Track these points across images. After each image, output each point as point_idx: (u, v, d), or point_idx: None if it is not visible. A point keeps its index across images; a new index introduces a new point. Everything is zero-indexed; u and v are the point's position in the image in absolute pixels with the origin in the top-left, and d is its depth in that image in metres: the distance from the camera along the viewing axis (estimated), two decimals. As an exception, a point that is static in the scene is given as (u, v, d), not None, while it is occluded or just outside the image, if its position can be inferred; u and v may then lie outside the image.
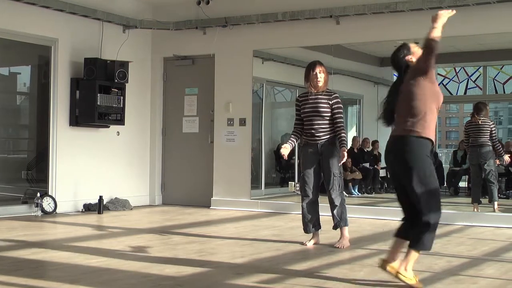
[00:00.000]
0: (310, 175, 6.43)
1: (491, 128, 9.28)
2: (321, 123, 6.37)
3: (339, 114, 6.39)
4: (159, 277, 4.88)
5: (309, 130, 6.42)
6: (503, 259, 5.93)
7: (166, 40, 10.76)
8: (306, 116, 6.45)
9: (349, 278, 4.91)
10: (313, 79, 6.39)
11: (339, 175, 6.41)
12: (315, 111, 6.37)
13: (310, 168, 6.43)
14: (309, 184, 6.43)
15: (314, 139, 6.39)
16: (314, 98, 6.40)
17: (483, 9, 8.51)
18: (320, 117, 6.36)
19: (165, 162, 10.95)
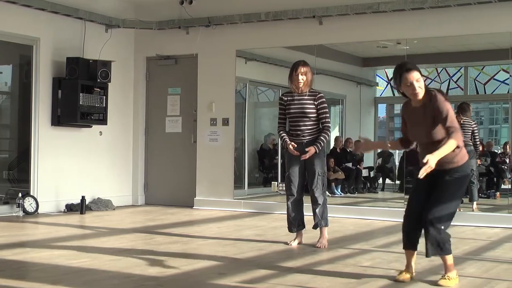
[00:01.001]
0: (295, 174, 6.44)
1: (473, 129, 9.35)
2: (307, 124, 6.38)
3: (325, 115, 6.39)
4: (142, 277, 4.86)
5: (295, 131, 6.43)
6: (484, 258, 5.98)
7: (149, 39, 10.73)
8: (291, 117, 6.45)
9: (332, 278, 4.93)
10: (295, 80, 6.40)
11: (323, 174, 6.43)
12: (301, 113, 6.38)
13: (295, 167, 6.43)
14: (294, 183, 6.44)
15: (300, 139, 6.40)
16: (299, 99, 6.40)
17: (464, 10, 8.58)
18: (307, 118, 6.37)
19: (148, 162, 10.92)
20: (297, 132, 6.41)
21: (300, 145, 6.40)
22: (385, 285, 4.72)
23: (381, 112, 14.67)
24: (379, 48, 10.84)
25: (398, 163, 13.02)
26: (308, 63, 6.45)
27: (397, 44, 9.91)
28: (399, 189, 11.94)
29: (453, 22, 8.71)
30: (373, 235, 7.56)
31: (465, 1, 8.42)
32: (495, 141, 11.11)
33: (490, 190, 10.80)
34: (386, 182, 12.92)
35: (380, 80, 13.88)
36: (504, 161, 11.09)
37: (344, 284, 4.70)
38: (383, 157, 13.04)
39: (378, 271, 5.21)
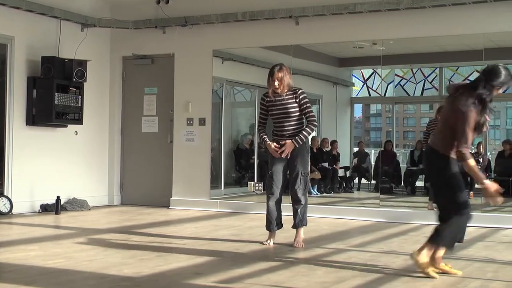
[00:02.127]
0: (278, 173, 6.44)
1: None
2: (291, 124, 6.39)
3: (308, 109, 6.38)
4: (117, 278, 4.84)
5: (280, 131, 6.44)
6: (458, 256, 6.03)
7: (125, 39, 10.69)
8: (274, 118, 6.46)
9: (308, 277, 4.95)
10: (271, 86, 6.41)
11: (305, 174, 6.43)
12: (284, 113, 6.39)
13: (278, 166, 6.44)
14: (276, 183, 6.44)
15: (284, 139, 6.40)
16: (280, 99, 6.40)
17: (439, 11, 8.67)
18: (290, 118, 6.38)
19: (124, 162, 10.87)
20: (282, 132, 6.42)
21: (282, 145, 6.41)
22: (360, 284, 4.75)
23: (357, 112, 14.80)
24: (355, 49, 10.92)
25: (373, 163, 13.12)
26: (284, 66, 6.42)
27: (373, 45, 10.00)
28: (374, 188, 12.03)
29: (428, 23, 8.79)
30: (348, 234, 7.61)
31: (439, 2, 8.51)
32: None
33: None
34: (362, 182, 13.00)
35: (356, 80, 13.97)
36: (478, 161, 11.21)
37: (320, 284, 4.72)
38: (359, 157, 13.12)
39: (354, 271, 5.24)
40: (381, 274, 5.12)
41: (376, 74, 13.46)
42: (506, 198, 10.83)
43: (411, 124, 17.02)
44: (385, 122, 14.49)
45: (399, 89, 13.48)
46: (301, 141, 6.33)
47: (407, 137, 17.24)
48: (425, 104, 15.65)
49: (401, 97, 13.88)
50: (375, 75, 13.52)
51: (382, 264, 5.53)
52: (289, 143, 6.33)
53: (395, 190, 12.26)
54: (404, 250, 6.37)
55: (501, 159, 11.66)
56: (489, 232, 7.76)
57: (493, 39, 9.01)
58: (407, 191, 12.04)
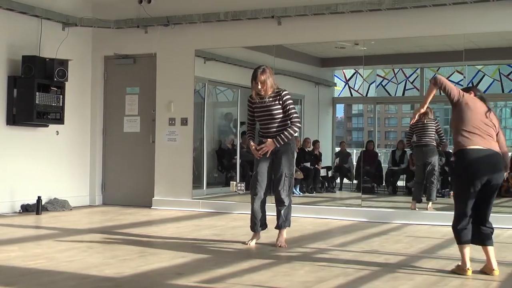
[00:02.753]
0: (263, 174, 6.45)
1: (438, 128, 9.59)
2: (276, 126, 6.40)
3: (291, 111, 6.38)
4: (99, 278, 4.83)
5: (264, 133, 6.47)
6: (438, 256, 6.09)
7: (107, 38, 10.64)
8: (260, 120, 6.49)
9: (290, 277, 4.96)
10: (254, 89, 6.42)
11: (290, 175, 6.45)
12: (268, 115, 6.41)
13: (263, 167, 6.44)
14: (261, 184, 6.44)
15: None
16: (265, 102, 6.41)
17: (420, 12, 8.73)
18: (274, 120, 6.40)
19: (106, 162, 10.82)
20: (267, 133, 6.44)
21: None
22: (342, 284, 4.77)
23: (339, 112, 14.84)
24: (337, 49, 10.96)
25: (355, 163, 13.16)
26: (267, 68, 6.42)
27: (354, 45, 10.03)
28: (356, 188, 12.07)
29: (409, 23, 8.85)
30: (330, 234, 7.63)
31: (420, 3, 8.57)
32: (449, 141, 11.30)
33: (445, 189, 10.99)
34: (344, 182, 13.04)
35: (338, 80, 14.02)
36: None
37: (302, 283, 4.74)
38: (341, 157, 13.17)
39: (335, 270, 5.26)
40: (363, 273, 5.15)
41: (358, 74, 13.51)
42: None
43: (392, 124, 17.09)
44: (367, 122, 14.54)
45: (380, 89, 13.54)
46: (282, 141, 6.34)
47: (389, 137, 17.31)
48: (407, 104, 15.71)
49: (382, 97, 13.93)
50: (357, 75, 13.57)
51: (364, 264, 5.55)
52: (270, 142, 6.35)
53: (377, 190, 12.31)
54: (385, 249, 6.42)
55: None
56: (469, 232, 7.81)
57: (473, 40, 9.09)
58: (388, 191, 12.09)
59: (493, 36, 9.10)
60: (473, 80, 11.44)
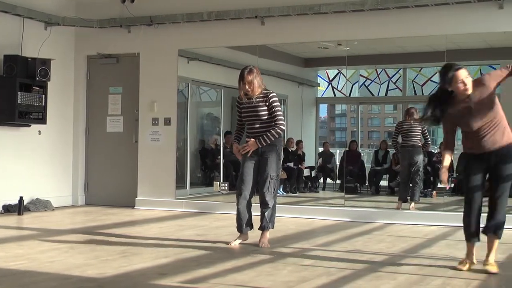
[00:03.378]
0: (248, 174, 6.44)
1: (423, 130, 9.66)
2: (262, 126, 6.39)
3: (276, 113, 6.38)
4: (81, 279, 4.81)
5: (251, 133, 6.47)
6: (421, 255, 6.13)
7: (90, 38, 10.59)
8: (247, 120, 6.49)
9: (273, 277, 4.97)
10: (242, 89, 6.41)
11: (276, 177, 6.44)
12: (254, 116, 6.41)
13: (249, 168, 6.44)
14: (246, 184, 6.44)
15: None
16: (251, 103, 6.41)
17: (402, 12, 8.78)
18: (260, 121, 6.40)
19: (89, 162, 10.78)
20: (253, 134, 6.44)
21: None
22: (325, 283, 4.78)
23: (322, 112, 14.89)
24: (320, 49, 10.99)
25: (338, 163, 13.21)
26: (254, 68, 6.40)
27: (337, 45, 10.07)
28: (339, 188, 12.11)
29: (392, 24, 8.89)
30: (313, 234, 7.65)
31: (403, 4, 8.62)
32: (432, 141, 11.40)
33: (427, 189, 11.07)
34: (327, 182, 13.09)
35: (321, 80, 14.06)
36: (441, 161, 11.36)
37: (285, 283, 4.75)
38: (324, 157, 13.21)
39: (318, 270, 5.28)
40: (346, 273, 5.17)
41: (341, 74, 13.57)
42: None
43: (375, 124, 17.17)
44: (350, 122, 14.61)
45: (363, 89, 13.61)
46: (264, 142, 6.33)
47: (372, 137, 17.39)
48: (389, 104, 15.81)
49: (365, 98, 14.01)
50: (340, 76, 13.63)
51: (347, 263, 5.57)
52: (252, 142, 6.36)
53: (360, 189, 12.37)
54: (368, 249, 6.45)
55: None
56: (451, 231, 7.87)
57: (455, 41, 9.15)
58: (371, 190, 12.16)
59: (474, 37, 9.17)
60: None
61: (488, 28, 8.52)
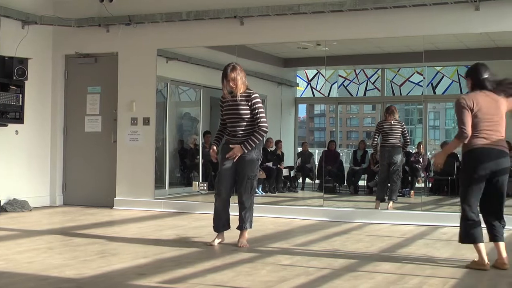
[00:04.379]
0: (226, 174, 6.44)
1: (403, 129, 9.73)
2: (242, 125, 6.39)
3: (259, 115, 6.38)
4: (59, 280, 4.78)
5: (232, 132, 6.47)
6: (398, 254, 6.17)
7: (68, 37, 10.53)
8: (228, 120, 6.48)
9: (252, 277, 4.98)
10: (226, 87, 6.38)
11: (253, 178, 6.44)
12: (236, 114, 6.39)
13: (227, 167, 6.43)
14: (224, 184, 6.43)
15: (235, 139, 6.42)
16: (233, 101, 6.40)
17: (381, 13, 8.83)
18: (241, 120, 6.39)
19: (67, 162, 10.71)
20: (233, 133, 6.44)
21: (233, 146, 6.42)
22: (304, 283, 4.80)
23: (301, 112, 14.93)
24: (299, 49, 11.02)
25: (317, 163, 13.26)
26: (237, 65, 6.40)
27: (316, 45, 10.10)
28: (318, 188, 12.16)
29: (371, 25, 8.94)
30: (292, 233, 7.67)
31: (381, 4, 8.67)
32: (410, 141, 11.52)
33: (405, 188, 11.15)
34: (306, 182, 13.13)
35: (300, 80, 14.10)
36: (418, 161, 11.48)
37: (264, 283, 4.76)
38: (303, 157, 13.25)
39: (297, 269, 5.30)
40: (324, 272, 5.19)
41: (320, 74, 13.62)
42: (444, 197, 11.21)
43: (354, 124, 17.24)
44: (329, 122, 14.65)
45: (342, 89, 13.67)
46: (250, 147, 6.34)
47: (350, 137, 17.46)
48: (368, 104, 15.89)
49: (344, 98, 14.07)
50: (319, 76, 13.67)
51: (325, 263, 5.60)
52: (238, 148, 6.35)
53: (338, 189, 12.43)
54: (346, 248, 6.48)
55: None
56: (428, 230, 7.94)
57: (432, 42, 9.23)
58: (350, 190, 12.21)
59: (451, 38, 9.26)
60: (432, 81, 11.63)
61: (465, 29, 8.61)
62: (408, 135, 10.01)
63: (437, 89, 12.04)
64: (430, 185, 11.69)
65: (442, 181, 11.47)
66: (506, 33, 8.63)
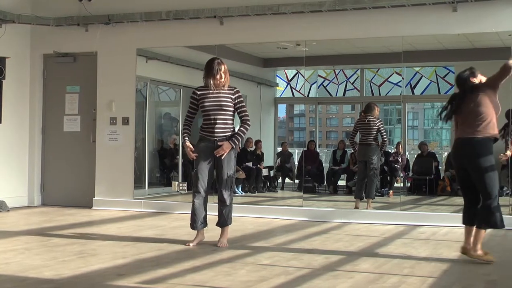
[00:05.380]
0: (204, 172, 6.41)
1: (379, 126, 9.75)
2: (224, 118, 6.34)
3: (243, 109, 6.40)
4: (37, 281, 4.75)
5: (209, 125, 6.37)
6: (377, 254, 6.21)
7: (46, 36, 10.46)
8: (205, 111, 6.37)
9: (232, 277, 4.99)
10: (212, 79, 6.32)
11: (232, 175, 6.44)
12: (217, 106, 6.32)
13: (205, 165, 6.40)
14: (202, 181, 6.41)
15: (213, 135, 6.36)
16: (216, 93, 6.34)
17: (360, 14, 8.87)
18: (223, 111, 6.33)
19: (45, 162, 10.64)
20: (211, 126, 6.35)
21: (212, 143, 6.37)
22: (283, 283, 4.82)
23: (281, 112, 14.95)
24: (279, 49, 11.04)
25: (297, 163, 13.29)
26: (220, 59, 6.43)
27: (296, 46, 10.12)
28: (298, 188, 12.20)
29: (350, 25, 8.99)
30: (272, 233, 7.69)
31: (360, 5, 8.72)
32: (388, 141, 11.57)
33: (384, 188, 11.21)
34: (286, 182, 13.16)
35: (280, 80, 14.12)
36: (397, 161, 11.56)
37: (244, 283, 4.76)
38: (283, 157, 13.27)
39: (277, 269, 5.31)
40: (304, 272, 5.21)
41: (299, 74, 13.65)
42: (422, 196, 11.30)
43: (333, 124, 17.30)
44: (309, 122, 14.69)
45: (322, 89, 13.71)
46: (237, 141, 6.37)
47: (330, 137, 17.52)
48: (347, 104, 15.96)
49: (324, 98, 14.11)
50: (299, 76, 13.71)
51: (305, 263, 5.62)
52: (227, 144, 6.32)
53: (318, 189, 12.47)
54: (326, 248, 6.51)
55: (419, 158, 12.04)
56: (407, 230, 8.00)
57: (411, 42, 9.30)
58: (329, 190, 12.26)
59: (430, 38, 9.33)
60: (411, 81, 11.71)
61: (443, 30, 8.68)
62: (385, 132, 10.03)
63: (415, 90, 12.12)
64: (408, 184, 11.77)
65: (420, 180, 11.57)
66: (483, 34, 8.73)
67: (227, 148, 6.32)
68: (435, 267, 5.48)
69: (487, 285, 4.87)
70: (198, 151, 6.44)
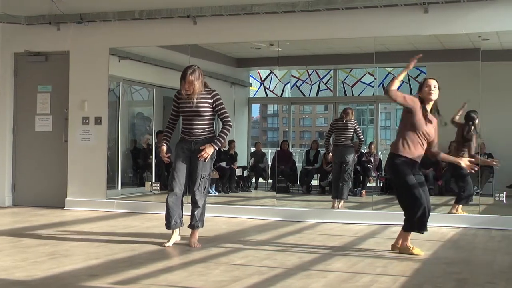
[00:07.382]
0: (180, 171, 6.42)
1: (355, 127, 9.85)
2: (201, 123, 6.38)
3: (223, 111, 6.43)
4: (8, 282, 4.70)
5: (188, 129, 6.43)
6: (350, 253, 6.25)
7: (17, 34, 10.35)
8: (185, 116, 6.44)
9: (205, 277, 4.98)
10: (183, 89, 6.35)
11: (207, 177, 6.44)
12: (194, 112, 6.36)
13: (181, 164, 6.42)
14: (177, 181, 6.41)
15: (191, 137, 6.40)
16: (192, 99, 6.36)
17: (333, 14, 8.93)
18: (200, 117, 6.37)
19: (16, 162, 10.52)
20: (190, 130, 6.41)
21: (189, 144, 6.40)
22: (257, 282, 4.83)
23: (254, 112, 14.98)
24: (252, 49, 11.06)
25: (270, 163, 13.32)
26: (197, 69, 6.34)
27: (269, 46, 10.15)
28: (271, 188, 12.22)
29: (323, 26, 9.03)
30: (245, 233, 7.70)
31: (333, 6, 8.77)
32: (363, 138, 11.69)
33: (357, 188, 11.29)
34: (259, 181, 13.18)
35: (253, 80, 14.15)
36: (370, 161, 11.64)
37: (217, 283, 4.77)
38: (256, 157, 13.29)
39: (250, 269, 5.32)
40: (277, 272, 5.23)
41: (273, 74, 13.69)
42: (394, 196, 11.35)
43: (307, 125, 17.38)
44: (282, 122, 14.75)
45: (295, 90, 13.76)
46: (220, 143, 6.41)
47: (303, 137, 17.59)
48: (321, 105, 16.05)
49: (297, 98, 14.17)
50: (272, 76, 13.75)
51: (278, 262, 5.64)
52: (209, 147, 6.34)
53: (291, 189, 12.51)
54: (300, 248, 6.53)
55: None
56: (379, 229, 8.06)
57: (383, 43, 9.38)
58: (302, 190, 12.30)
59: (402, 39, 9.42)
60: (383, 81, 11.80)
61: (415, 31, 8.77)
62: (362, 133, 10.14)
63: (388, 90, 12.20)
64: (381, 184, 11.86)
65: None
66: (453, 36, 8.84)
67: (209, 151, 6.36)
68: (407, 266, 5.54)
69: (458, 283, 4.93)
70: (177, 151, 6.48)
